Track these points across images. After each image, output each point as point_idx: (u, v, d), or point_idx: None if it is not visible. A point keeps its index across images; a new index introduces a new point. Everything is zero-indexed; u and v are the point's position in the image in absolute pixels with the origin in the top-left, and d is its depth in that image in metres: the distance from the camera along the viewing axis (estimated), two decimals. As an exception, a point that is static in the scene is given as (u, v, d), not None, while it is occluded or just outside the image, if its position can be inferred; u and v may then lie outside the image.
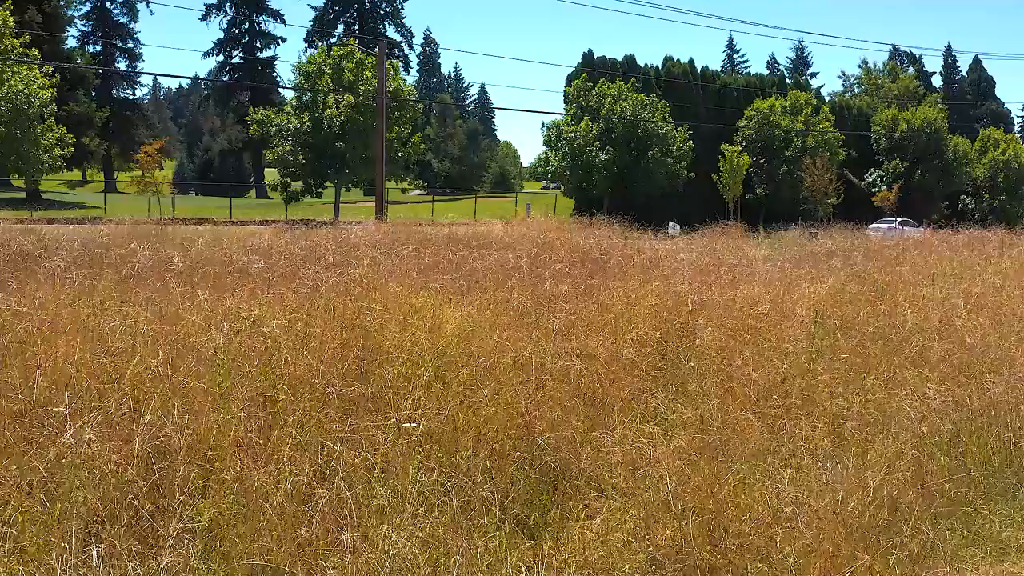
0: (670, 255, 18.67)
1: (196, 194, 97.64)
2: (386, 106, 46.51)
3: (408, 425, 7.93)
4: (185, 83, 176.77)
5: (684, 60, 77.33)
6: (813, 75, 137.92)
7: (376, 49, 49.67)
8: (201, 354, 8.49)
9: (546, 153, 68.30)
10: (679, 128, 65.53)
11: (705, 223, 48.56)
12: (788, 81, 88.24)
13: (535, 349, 10.03)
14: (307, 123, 53.61)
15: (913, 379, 10.89)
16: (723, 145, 66.16)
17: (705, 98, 73.82)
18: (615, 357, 10.44)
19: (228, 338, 8.80)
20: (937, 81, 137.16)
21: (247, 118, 59.98)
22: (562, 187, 71.95)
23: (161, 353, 8.25)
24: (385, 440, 7.69)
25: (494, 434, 8.37)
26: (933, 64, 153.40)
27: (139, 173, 51.46)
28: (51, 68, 44.76)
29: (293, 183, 56.48)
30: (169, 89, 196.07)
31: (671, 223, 47.07)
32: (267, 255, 15.63)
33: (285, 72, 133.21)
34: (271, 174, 64.17)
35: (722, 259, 18.33)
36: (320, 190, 58.30)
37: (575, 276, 13.83)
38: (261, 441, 7.36)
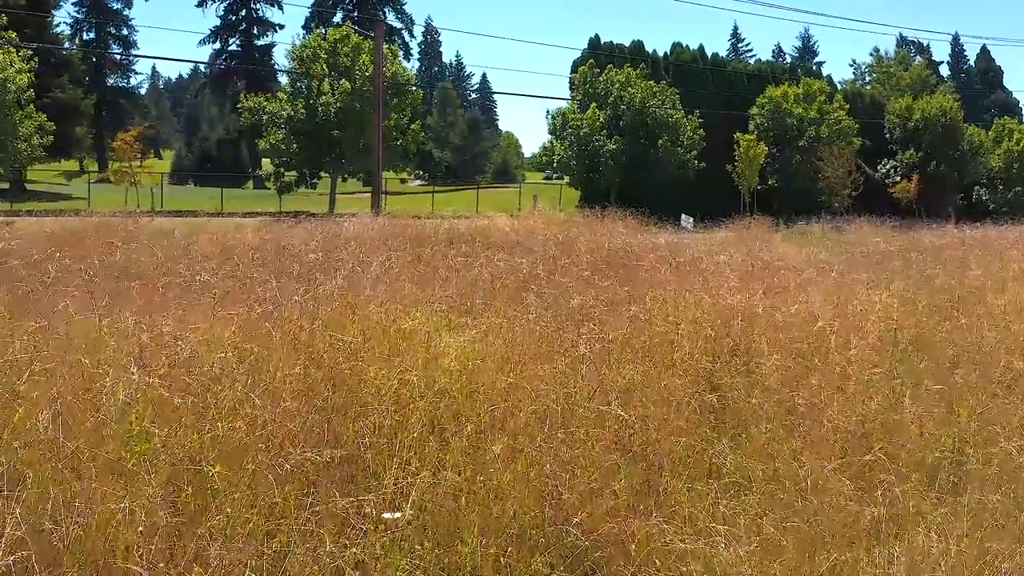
0: (704, 256, 16.38)
1: (194, 184, 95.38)
2: (384, 92, 44.25)
3: (389, 516, 5.67)
4: (185, 72, 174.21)
5: (692, 47, 75.27)
6: (820, 64, 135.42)
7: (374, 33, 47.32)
8: (110, 405, 6.20)
9: (551, 142, 66.15)
10: (689, 116, 63.31)
11: (718, 215, 46.62)
12: (799, 69, 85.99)
13: (561, 389, 7.71)
14: (301, 110, 51.31)
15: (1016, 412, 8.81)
16: (738, 134, 63.89)
17: (715, 85, 71.52)
18: (661, 395, 8.17)
19: (148, 381, 6.47)
20: (945, 71, 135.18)
21: (238, 105, 57.61)
22: (566, 177, 69.73)
23: (52, 408, 5.95)
24: (360, 533, 5.49)
25: (509, 512, 6.14)
26: (941, 52, 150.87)
27: (126, 163, 48.73)
28: (29, 52, 42.46)
29: (287, 173, 54.28)
30: (168, 79, 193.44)
31: (684, 216, 44.75)
32: (228, 257, 13.27)
33: (283, 60, 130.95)
34: (267, 164, 62.01)
35: (770, 261, 16.06)
36: (315, 180, 56.09)
37: (604, 286, 11.44)
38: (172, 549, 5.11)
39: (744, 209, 54.70)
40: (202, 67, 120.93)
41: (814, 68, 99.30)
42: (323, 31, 57.56)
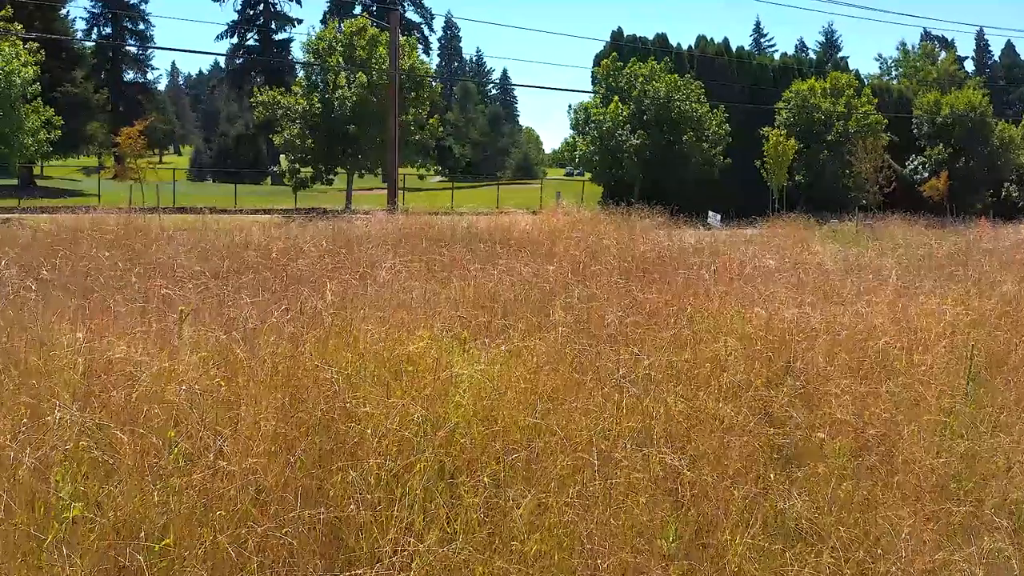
0: (742, 258, 15.03)
1: (213, 181, 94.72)
2: (401, 85, 43.00)
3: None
4: (205, 69, 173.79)
5: (717, 40, 73.84)
6: (844, 59, 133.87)
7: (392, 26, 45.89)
8: (27, 461, 4.92)
9: (573, 137, 64.78)
10: (714, 110, 61.87)
11: (744, 212, 45.30)
12: (827, 63, 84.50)
13: (596, 425, 6.41)
14: (316, 104, 50.04)
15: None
16: (766, 128, 62.44)
17: (741, 80, 70.03)
18: (713, 430, 6.90)
19: (87, 423, 5.20)
20: (970, 66, 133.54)
21: (251, 100, 56.39)
22: (587, 173, 68.31)
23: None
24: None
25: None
26: (965, 48, 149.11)
27: (131, 158, 47.17)
28: (36, 44, 41.29)
29: (303, 169, 52.99)
30: (188, 75, 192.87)
31: (711, 213, 43.32)
32: (221, 260, 11.96)
33: (300, 55, 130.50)
34: (284, 161, 60.85)
35: (815, 264, 14.73)
36: (331, 177, 54.77)
37: (641, 297, 10.07)
38: None
39: (773, 206, 53.43)
40: (221, 62, 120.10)
41: (841, 62, 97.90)
42: (339, 24, 56.01)
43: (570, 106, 71.15)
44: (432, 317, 8.32)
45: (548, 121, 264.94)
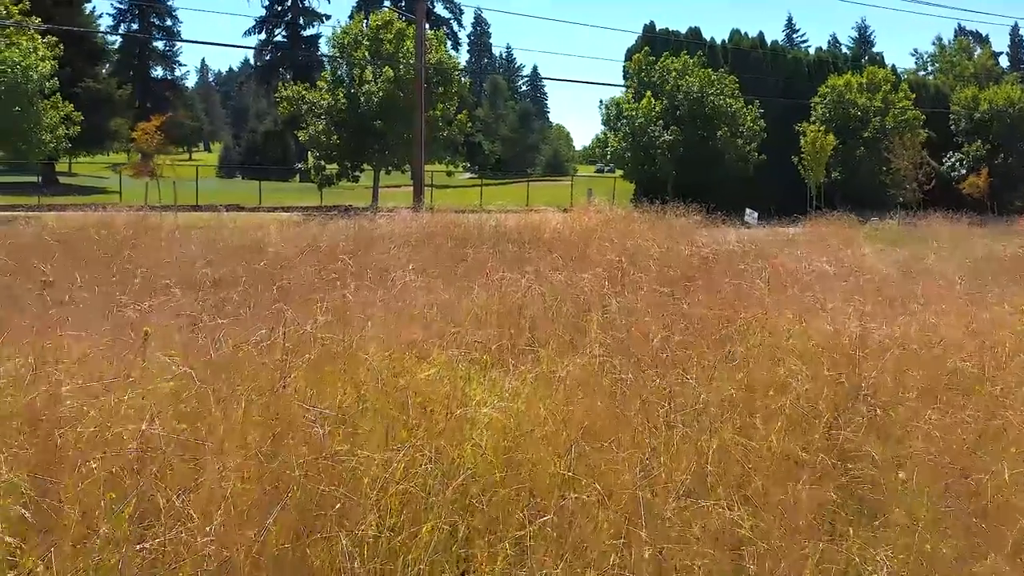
0: (791, 261, 13.90)
1: (242, 178, 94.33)
2: (428, 79, 41.97)
3: None
4: (235, 65, 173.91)
5: (751, 35, 72.50)
6: (879, 54, 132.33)
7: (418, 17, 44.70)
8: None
9: (604, 134, 63.66)
10: (749, 106, 60.52)
11: (780, 210, 44.09)
12: (863, 58, 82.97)
13: (641, 474, 5.30)
14: (342, 100, 49.04)
15: None
16: (804, 124, 61.05)
17: (775, 74, 68.60)
18: (777, 472, 5.82)
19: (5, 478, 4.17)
20: (1004, 62, 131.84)
21: (275, 95, 55.42)
22: (618, 170, 67.05)
23: None
24: None
25: None
26: (1000, 42, 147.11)
27: (150, 154, 45.96)
28: (55, 38, 40.44)
29: (328, 166, 51.99)
30: (219, 72, 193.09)
31: (748, 211, 42.22)
32: (218, 264, 10.92)
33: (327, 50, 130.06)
34: (311, 157, 59.94)
35: (869, 268, 13.57)
36: (358, 173, 53.75)
37: (688, 311, 8.89)
38: None
39: (811, 203, 52.25)
40: (251, 59, 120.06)
41: (876, 57, 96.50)
42: (365, 17, 54.79)
43: (601, 101, 69.93)
44: (449, 336, 7.21)
45: (579, 117, 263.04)
